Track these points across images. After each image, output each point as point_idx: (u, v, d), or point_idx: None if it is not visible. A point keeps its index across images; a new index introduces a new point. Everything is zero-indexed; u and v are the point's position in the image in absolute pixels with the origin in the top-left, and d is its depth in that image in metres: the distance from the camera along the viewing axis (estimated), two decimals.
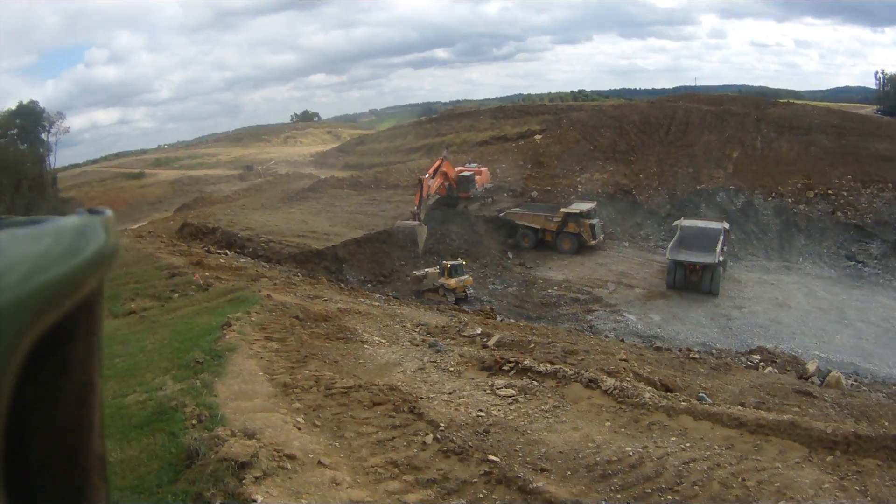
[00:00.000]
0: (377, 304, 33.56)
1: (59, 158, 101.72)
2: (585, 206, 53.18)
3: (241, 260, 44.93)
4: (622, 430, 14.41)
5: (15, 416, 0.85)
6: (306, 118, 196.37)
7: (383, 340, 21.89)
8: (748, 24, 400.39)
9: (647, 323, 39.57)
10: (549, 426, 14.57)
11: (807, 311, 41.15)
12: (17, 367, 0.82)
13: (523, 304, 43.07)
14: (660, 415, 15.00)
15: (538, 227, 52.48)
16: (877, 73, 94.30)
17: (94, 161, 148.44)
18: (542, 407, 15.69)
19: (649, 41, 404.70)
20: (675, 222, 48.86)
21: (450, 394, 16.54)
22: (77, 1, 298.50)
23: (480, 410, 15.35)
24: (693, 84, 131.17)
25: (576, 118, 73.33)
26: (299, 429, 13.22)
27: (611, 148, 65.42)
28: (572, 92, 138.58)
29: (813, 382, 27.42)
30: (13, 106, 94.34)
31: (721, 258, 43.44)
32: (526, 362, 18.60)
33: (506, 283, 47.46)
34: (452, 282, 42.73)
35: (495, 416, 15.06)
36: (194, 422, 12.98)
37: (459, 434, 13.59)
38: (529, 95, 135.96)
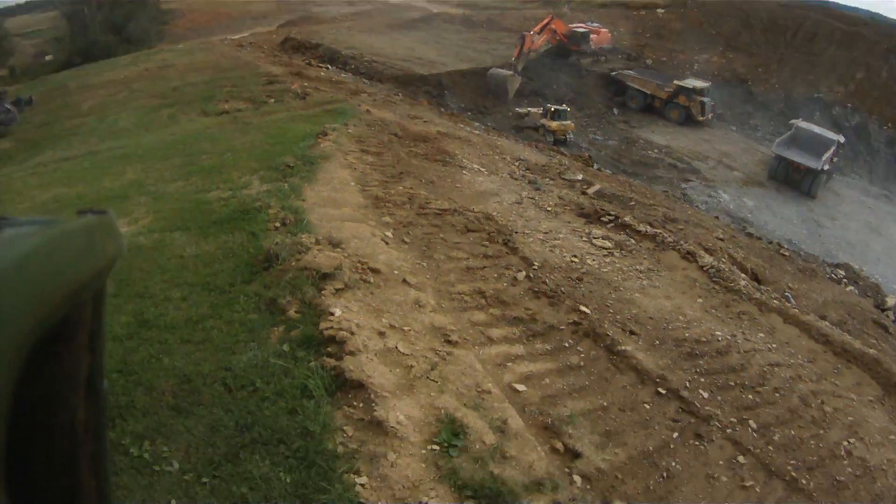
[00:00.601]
0: (477, 132, 31.95)
1: None
2: (700, 83, 51.52)
3: (342, 75, 43.22)
4: (713, 311, 13.55)
5: (16, 416, 0.80)
6: None
7: (482, 168, 20.72)
8: None
9: (740, 206, 38.97)
10: (642, 288, 13.66)
11: None
12: (20, 367, 0.78)
13: (620, 159, 42.32)
14: (751, 306, 14.15)
15: (649, 92, 51.00)
16: None
17: None
18: (637, 267, 14.74)
19: None
20: (792, 121, 47.38)
21: (545, 233, 15.45)
22: None
23: (574, 256, 14.34)
24: None
25: (702, 1, 68.54)
26: (387, 243, 12.26)
27: (734, 36, 62.85)
28: None
29: (888, 316, 25.49)
30: None
31: (826, 167, 42.63)
32: (626, 218, 17.77)
33: (607, 135, 46.52)
34: (554, 124, 41.80)
35: (589, 265, 14.07)
36: (277, 224, 12.08)
37: (552, 277, 12.77)
38: None
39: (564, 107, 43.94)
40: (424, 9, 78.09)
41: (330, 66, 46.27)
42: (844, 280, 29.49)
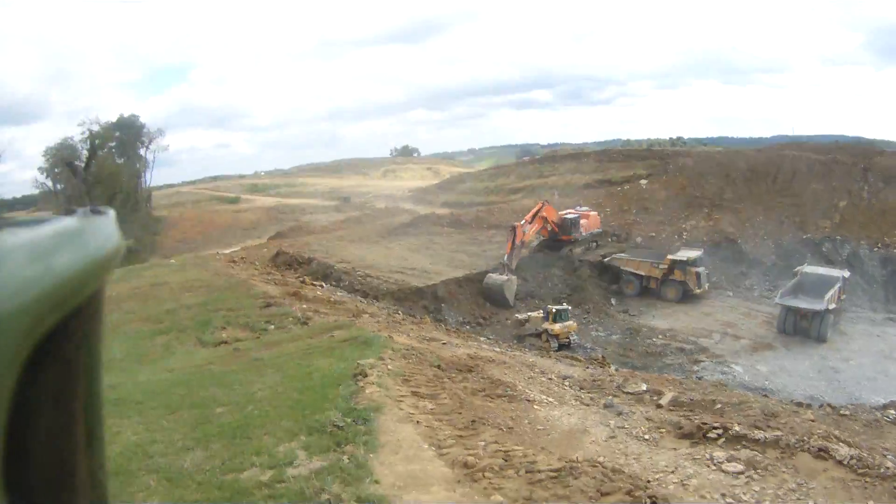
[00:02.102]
0: (497, 349, 29.68)
1: (155, 177, 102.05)
2: (692, 253, 50.25)
3: (339, 293, 41.47)
4: None
5: (15, 417, 0.82)
6: (406, 153, 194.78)
7: (550, 399, 18.15)
8: (847, 70, 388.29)
9: (755, 374, 37.20)
10: None
11: None
12: (19, 368, 0.79)
13: (627, 353, 40.10)
14: None
15: (643, 273, 49.65)
16: None
17: (190, 182, 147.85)
18: (788, 486, 13.13)
19: (748, 88, 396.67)
20: (797, 268, 46.69)
21: (672, 472, 13.62)
22: (188, 20, 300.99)
23: (724, 494, 12.61)
24: (791, 133, 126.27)
25: (682, 164, 70.04)
26: None
27: (717, 195, 62.58)
28: (670, 138, 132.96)
29: None
30: (113, 119, 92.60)
31: (832, 306, 41.46)
32: (736, 428, 15.78)
33: (609, 330, 44.59)
34: (556, 327, 39.50)
35: (746, 501, 12.41)
36: None
37: None
38: (628, 141, 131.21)
39: (565, 305, 42.08)
40: (412, 211, 78.89)
41: (324, 284, 44.33)
42: None
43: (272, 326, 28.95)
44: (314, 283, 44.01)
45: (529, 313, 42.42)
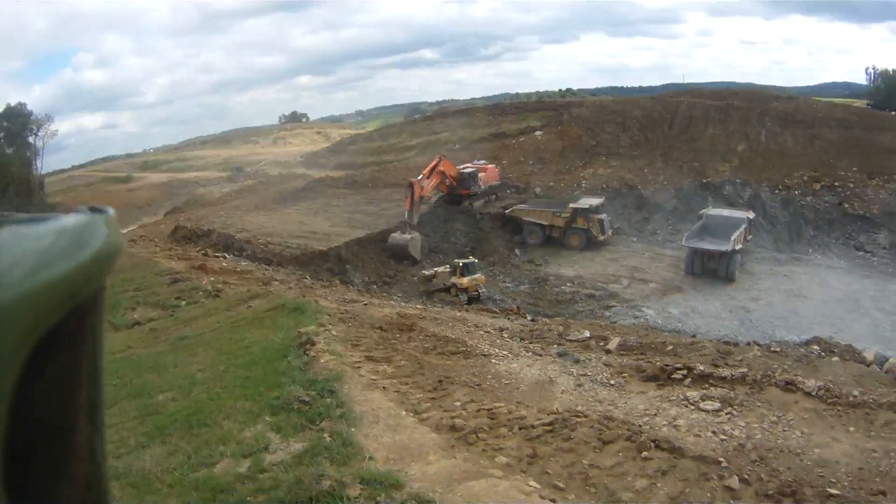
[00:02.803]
0: (420, 306, 29.54)
1: (46, 164, 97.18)
2: (594, 201, 49.38)
3: (243, 263, 40.67)
4: (874, 434, 12.51)
5: (16, 416, 0.82)
6: (295, 119, 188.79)
7: (503, 352, 17.50)
8: (736, 21, 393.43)
9: (667, 317, 37.09)
10: (810, 442, 12.22)
11: (823, 302, 38.71)
12: (20, 367, 0.79)
13: (537, 303, 39.34)
14: (886, 413, 13.21)
15: (545, 223, 48.24)
16: (867, 68, 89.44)
17: (81, 166, 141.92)
18: (769, 419, 13.20)
19: (636, 40, 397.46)
20: (701, 211, 46.40)
21: (655, 415, 13.39)
22: (66, 4, 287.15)
23: (714, 432, 12.52)
24: (681, 81, 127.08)
25: (576, 114, 68.70)
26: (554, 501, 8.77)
27: (614, 143, 61.71)
28: (560, 90, 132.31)
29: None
30: (0, 109, 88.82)
31: (738, 246, 41.55)
32: (700, 368, 15.89)
33: (517, 281, 43.55)
34: (465, 280, 38.40)
35: (737, 436, 12.41)
36: None
37: (752, 469, 10.75)
38: (517, 94, 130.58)
39: (472, 259, 40.97)
40: (306, 176, 77.39)
41: (227, 255, 43.50)
42: (823, 354, 27.15)
43: (183, 303, 28.18)
44: (217, 254, 43.24)
45: (436, 268, 41.27)
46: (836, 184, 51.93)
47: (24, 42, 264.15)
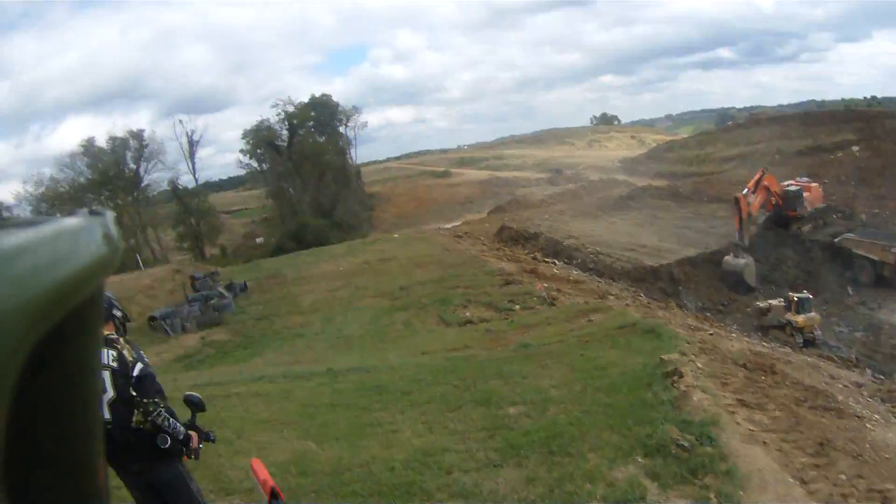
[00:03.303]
0: (766, 344, 26.47)
1: (359, 154, 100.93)
2: None
3: (574, 272, 39.57)
4: None
5: (14, 419, 0.80)
6: (606, 121, 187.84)
7: (874, 415, 14.70)
8: None
9: None
10: None
11: None
12: (18, 370, 0.78)
13: (873, 354, 33.50)
14: None
15: (876, 258, 41.17)
16: None
17: (396, 158, 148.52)
18: None
19: None
20: None
21: None
22: (349, 1, 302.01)
23: None
24: None
25: (890, 127, 61.56)
26: None
27: None
28: (865, 98, 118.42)
29: None
30: (305, 99, 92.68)
31: None
32: None
33: (850, 324, 37.83)
34: (801, 319, 33.80)
35: None
36: None
37: None
38: (823, 102, 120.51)
39: (806, 294, 36.08)
40: (627, 183, 75.13)
41: (557, 262, 42.76)
42: None
43: (517, 307, 27.94)
44: (546, 260, 42.76)
45: (770, 301, 37.16)
46: None
47: (317, 38, 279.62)
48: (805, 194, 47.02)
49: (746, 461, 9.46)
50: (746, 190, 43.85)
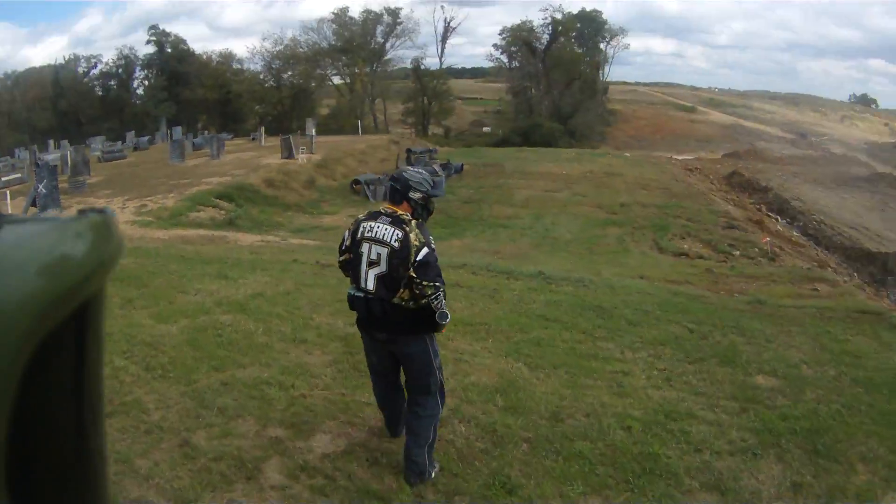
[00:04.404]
0: None
1: (612, 74, 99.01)
2: None
3: (795, 234, 38.14)
4: None
5: (17, 418, 0.80)
6: (865, 101, 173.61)
7: None
8: None
9: None
10: None
11: None
12: (21, 369, 0.78)
13: None
14: None
15: None
16: None
17: (646, 84, 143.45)
18: None
19: None
20: None
21: None
22: None
23: None
24: None
25: None
26: None
27: None
28: None
29: None
30: (574, 11, 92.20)
31: None
32: None
33: None
34: None
35: None
36: None
37: None
38: None
39: None
40: (868, 165, 70.73)
41: (780, 218, 41.29)
42: None
43: (737, 252, 27.06)
44: (769, 214, 41.26)
45: None
46: None
47: None
48: None
49: None
50: None
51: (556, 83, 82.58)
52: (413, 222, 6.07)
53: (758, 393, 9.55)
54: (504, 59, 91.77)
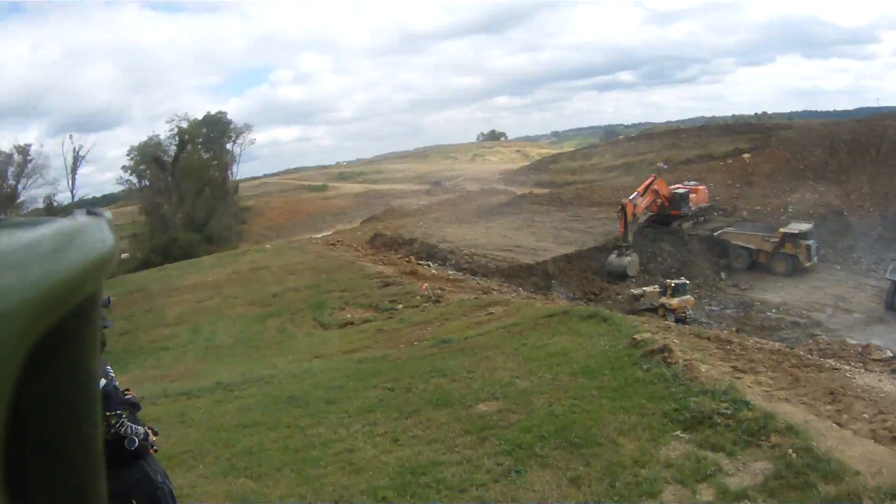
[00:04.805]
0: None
1: (241, 171, 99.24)
2: (803, 226, 45.61)
3: (450, 272, 39.03)
4: None
5: (13, 419, 0.79)
6: (493, 137, 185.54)
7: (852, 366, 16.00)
8: None
9: None
10: None
11: None
12: (17, 371, 0.76)
13: (743, 327, 34.84)
14: None
15: (753, 247, 45.18)
16: None
17: (274, 174, 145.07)
18: None
19: (832, 61, 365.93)
20: None
21: None
22: (266, 24, 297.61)
23: None
24: (875, 105, 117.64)
25: (785, 137, 64.83)
26: None
27: (821, 167, 57.47)
28: (755, 114, 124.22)
29: None
30: (199, 117, 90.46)
31: None
32: None
33: (721, 304, 40.83)
34: (675, 301, 35.86)
35: None
36: None
37: None
38: (713, 118, 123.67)
39: (683, 280, 38.62)
40: (507, 192, 74.81)
41: (431, 263, 41.85)
42: None
43: (400, 305, 27.38)
44: (420, 262, 41.55)
45: (644, 288, 38.80)
46: None
47: (223, 59, 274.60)
48: (691, 196, 49.76)
49: (787, 417, 9.12)
50: (635, 194, 45.41)
51: (188, 193, 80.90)
52: None
53: (488, 420, 9.24)
54: (134, 179, 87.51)
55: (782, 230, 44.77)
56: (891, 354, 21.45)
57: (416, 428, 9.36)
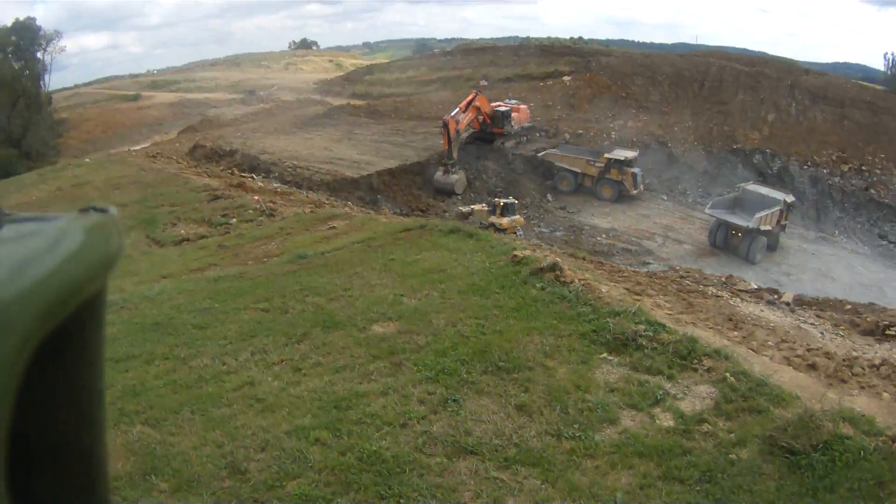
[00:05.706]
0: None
1: (52, 81, 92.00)
2: (628, 153, 46.26)
3: (275, 184, 38.19)
4: None
5: (17, 418, 0.80)
6: (305, 46, 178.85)
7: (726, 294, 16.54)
8: None
9: None
10: None
11: (850, 286, 35.37)
12: (22, 370, 0.78)
13: (576, 252, 33.38)
14: None
15: (578, 170, 45.56)
16: (886, 54, 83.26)
17: (86, 84, 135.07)
18: None
19: None
20: (739, 184, 43.56)
21: None
22: None
23: None
24: (693, 42, 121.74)
25: (605, 63, 64.93)
26: None
27: (643, 97, 57.80)
28: (571, 38, 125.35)
29: None
30: (8, 23, 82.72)
31: (765, 226, 37.99)
32: None
33: (551, 226, 41.50)
34: (505, 221, 35.58)
35: None
36: None
37: None
38: (528, 38, 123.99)
39: (512, 199, 38.55)
40: (324, 102, 72.86)
41: (255, 176, 40.61)
42: None
43: (234, 220, 26.79)
44: (243, 174, 40.31)
45: (472, 206, 38.43)
46: (864, 168, 49.05)
47: None
48: (513, 114, 48.98)
49: (707, 340, 9.16)
50: (456, 110, 44.45)
51: (2, 106, 74.56)
52: None
53: (392, 342, 8.82)
54: None
55: (607, 155, 45.32)
56: (755, 286, 21.88)
57: (314, 354, 8.72)
